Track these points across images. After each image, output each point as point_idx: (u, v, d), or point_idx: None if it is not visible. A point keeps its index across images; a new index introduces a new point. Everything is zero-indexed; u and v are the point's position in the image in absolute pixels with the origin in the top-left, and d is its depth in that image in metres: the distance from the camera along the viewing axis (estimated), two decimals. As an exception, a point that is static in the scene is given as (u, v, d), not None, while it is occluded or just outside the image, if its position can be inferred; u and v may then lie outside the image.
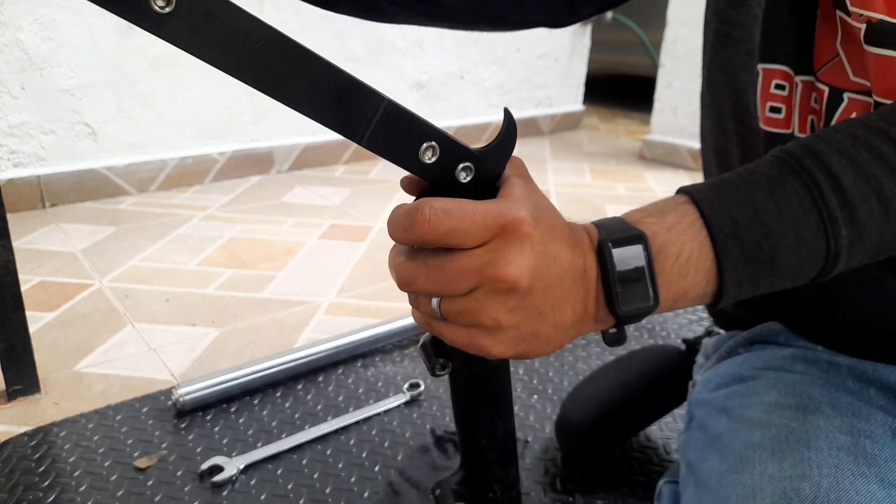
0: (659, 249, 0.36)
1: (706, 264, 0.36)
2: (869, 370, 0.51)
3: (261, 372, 1.01)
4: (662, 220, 0.37)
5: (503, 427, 0.48)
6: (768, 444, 0.45)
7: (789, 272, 0.38)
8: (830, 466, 0.42)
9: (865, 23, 0.42)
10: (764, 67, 0.50)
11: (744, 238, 0.36)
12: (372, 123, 0.32)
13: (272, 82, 0.29)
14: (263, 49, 0.29)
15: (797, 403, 0.48)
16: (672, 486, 0.66)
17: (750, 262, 0.37)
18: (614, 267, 0.35)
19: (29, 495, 0.79)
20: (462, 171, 0.35)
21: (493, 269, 0.33)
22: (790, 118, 0.50)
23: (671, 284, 0.36)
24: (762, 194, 0.37)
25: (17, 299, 0.95)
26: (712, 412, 0.54)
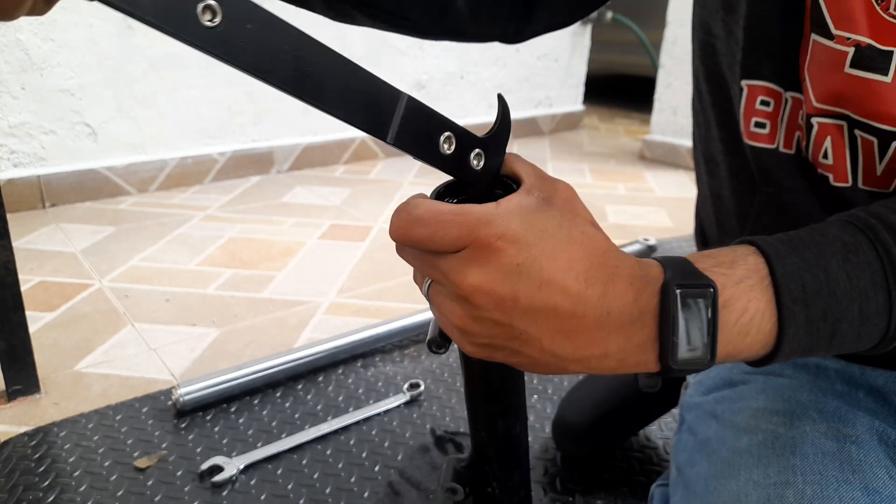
0: (724, 304, 0.33)
1: (768, 327, 0.34)
2: (857, 373, 0.51)
3: (261, 372, 1.01)
4: (732, 273, 0.34)
5: (503, 426, 0.48)
6: (755, 450, 0.45)
7: (843, 345, 0.36)
8: (815, 473, 0.42)
9: (853, 46, 0.42)
10: (749, 84, 0.50)
11: (811, 306, 0.34)
12: (397, 120, 0.33)
13: (310, 89, 0.30)
14: (300, 56, 0.29)
15: (784, 409, 0.48)
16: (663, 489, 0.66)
17: (811, 331, 0.35)
18: (678, 315, 0.32)
19: (29, 495, 0.79)
20: (475, 159, 0.36)
21: (453, 275, 0.33)
22: (775, 134, 0.50)
23: (729, 342, 0.34)
24: (835, 260, 0.35)
25: (17, 299, 0.95)
26: (702, 416, 0.54)
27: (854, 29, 0.41)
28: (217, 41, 0.27)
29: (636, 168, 2.52)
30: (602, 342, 0.33)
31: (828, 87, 0.44)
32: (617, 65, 3.61)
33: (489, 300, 0.32)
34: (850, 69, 0.42)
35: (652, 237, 1.69)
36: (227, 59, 0.28)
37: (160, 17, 0.26)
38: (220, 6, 0.27)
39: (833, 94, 0.44)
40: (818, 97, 0.45)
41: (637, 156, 2.69)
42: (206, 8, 0.26)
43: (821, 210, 0.48)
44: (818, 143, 0.46)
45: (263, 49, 0.28)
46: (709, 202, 0.62)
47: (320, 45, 0.30)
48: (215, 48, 0.27)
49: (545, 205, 0.34)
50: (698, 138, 0.62)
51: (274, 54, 0.29)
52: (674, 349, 0.33)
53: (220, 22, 0.27)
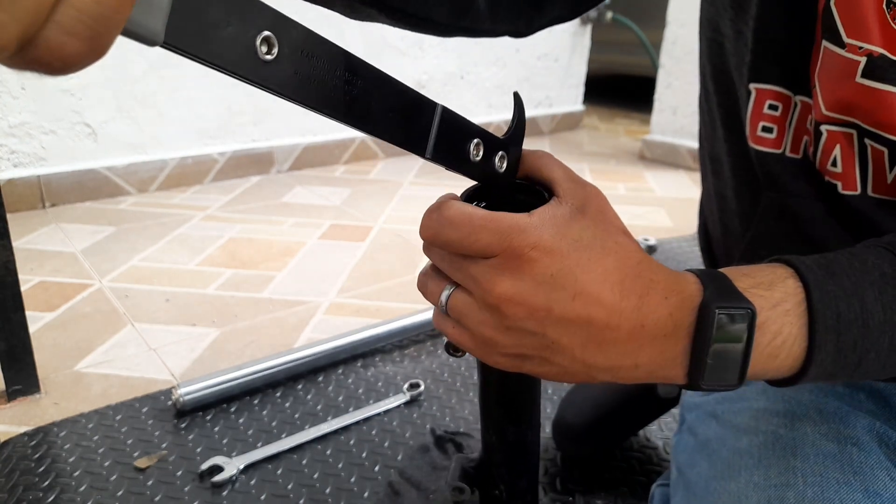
0: (759, 326, 0.33)
1: (797, 352, 0.35)
2: None
3: (261, 372, 1.01)
4: (770, 295, 0.34)
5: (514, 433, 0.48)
6: (755, 452, 0.45)
7: (868, 374, 0.36)
8: (816, 475, 0.42)
9: (866, 56, 0.41)
10: (757, 87, 0.49)
11: (843, 335, 0.34)
12: (433, 133, 0.32)
13: (359, 113, 0.29)
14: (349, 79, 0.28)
15: (785, 410, 0.48)
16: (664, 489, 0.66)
17: (839, 360, 0.35)
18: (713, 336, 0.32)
19: (29, 495, 0.79)
20: (499, 161, 0.36)
21: (485, 282, 0.32)
22: (782, 138, 0.49)
23: (757, 363, 0.34)
24: (872, 291, 0.35)
25: (17, 299, 0.95)
26: (702, 416, 0.54)
27: (867, 38, 0.41)
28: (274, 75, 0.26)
29: (636, 168, 2.52)
30: (634, 354, 0.33)
31: (838, 95, 0.44)
32: (617, 65, 3.61)
33: (521, 310, 0.32)
34: (862, 79, 0.42)
35: (652, 237, 1.69)
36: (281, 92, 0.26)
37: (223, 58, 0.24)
38: (277, 37, 0.25)
39: (843, 103, 0.44)
40: (828, 105, 0.44)
41: (637, 156, 2.69)
42: (264, 41, 0.25)
43: (826, 216, 0.48)
44: (827, 151, 0.46)
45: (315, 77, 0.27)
46: (713, 201, 0.62)
47: (363, 63, 0.29)
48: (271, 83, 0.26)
49: (578, 214, 0.34)
50: (704, 137, 0.62)
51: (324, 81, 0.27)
52: (704, 369, 0.33)
53: (278, 53, 0.25)
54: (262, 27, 0.25)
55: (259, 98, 2.13)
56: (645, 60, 3.22)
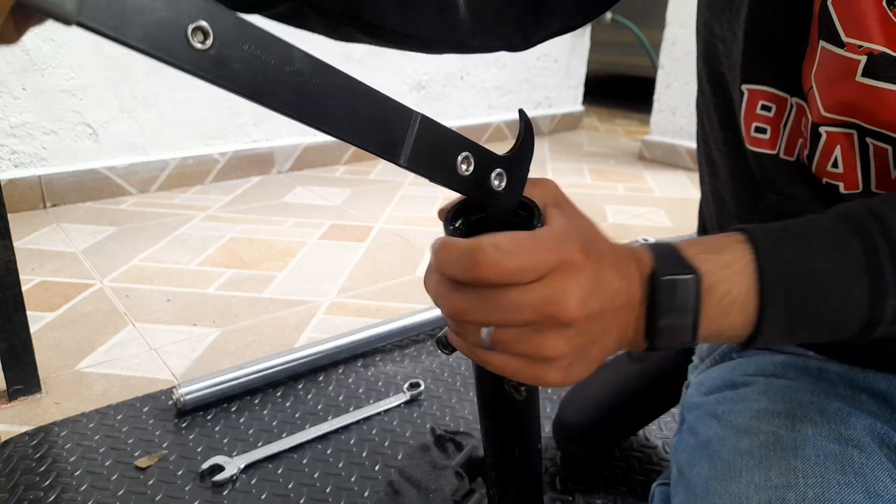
0: (709, 287, 0.35)
1: (749, 309, 0.36)
2: (860, 377, 0.51)
3: (261, 372, 1.01)
4: (719, 258, 0.36)
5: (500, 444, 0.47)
6: (756, 452, 0.46)
7: (825, 330, 0.37)
8: (817, 476, 0.42)
9: (866, 55, 0.41)
10: (749, 88, 0.49)
11: (791, 291, 0.36)
12: (410, 141, 0.31)
13: (312, 112, 0.28)
14: (301, 77, 0.28)
15: (786, 410, 0.49)
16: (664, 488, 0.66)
17: (792, 315, 0.36)
18: (661, 302, 0.35)
19: (30, 495, 0.79)
20: (496, 179, 0.35)
21: (551, 306, 0.32)
22: (776, 139, 0.49)
23: (711, 322, 0.36)
24: (821, 250, 0.37)
25: (18, 299, 0.95)
26: (703, 416, 0.55)
27: (866, 37, 0.41)
28: (209, 64, 0.25)
29: (635, 168, 2.52)
30: (625, 325, 0.35)
31: (837, 96, 0.43)
32: (616, 65, 3.61)
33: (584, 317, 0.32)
34: (863, 78, 0.42)
35: (651, 237, 1.70)
36: (221, 82, 0.26)
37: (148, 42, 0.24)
38: (212, 27, 0.25)
39: (843, 104, 0.43)
40: (827, 106, 0.44)
41: (636, 156, 2.69)
42: (197, 29, 0.25)
43: None
44: (826, 153, 0.46)
45: (260, 71, 0.27)
46: (711, 203, 0.62)
47: (323, 64, 0.28)
48: (207, 72, 0.26)
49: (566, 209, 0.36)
50: (701, 138, 0.62)
51: (272, 76, 0.27)
52: (658, 333, 0.35)
53: (213, 44, 0.25)
54: (195, 17, 0.24)
55: (259, 98, 2.14)
56: (644, 61, 3.22)
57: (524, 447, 0.47)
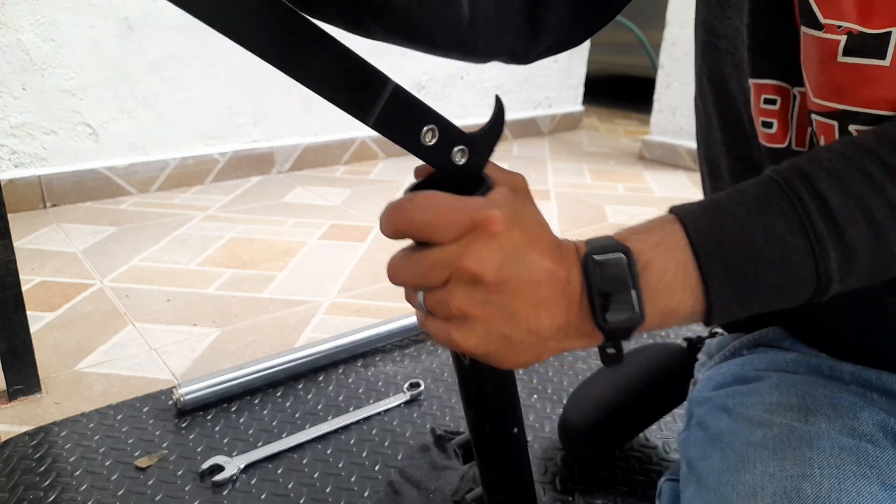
0: (644, 265, 0.36)
1: (692, 282, 0.37)
2: (873, 378, 0.51)
3: (261, 371, 1.01)
4: (649, 237, 0.38)
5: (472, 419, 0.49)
6: (770, 444, 0.45)
7: (778, 294, 0.38)
8: (832, 467, 0.42)
9: (846, 34, 0.41)
10: (755, 82, 0.49)
11: (728, 259, 0.37)
12: (380, 105, 0.34)
13: (292, 63, 0.31)
14: (286, 30, 0.30)
15: (799, 404, 0.48)
16: (672, 483, 0.66)
17: (736, 282, 0.37)
18: (597, 278, 0.36)
19: (30, 494, 0.79)
20: (458, 153, 0.37)
21: (460, 260, 0.34)
22: (785, 132, 0.49)
23: (658, 300, 0.36)
24: (750, 215, 0.37)
25: (18, 299, 0.95)
26: (713, 410, 0.54)
27: (842, 16, 0.41)
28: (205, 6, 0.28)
29: (635, 168, 2.52)
30: (566, 311, 0.36)
31: (823, 79, 0.43)
32: (616, 65, 3.61)
33: (494, 279, 0.34)
34: (844, 58, 0.41)
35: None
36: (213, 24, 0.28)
37: None
38: None
39: (829, 86, 0.43)
40: (815, 91, 0.44)
41: (636, 156, 2.69)
42: None
43: None
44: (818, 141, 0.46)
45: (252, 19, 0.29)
46: None
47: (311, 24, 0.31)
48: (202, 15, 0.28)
49: (517, 194, 0.38)
50: (700, 138, 0.62)
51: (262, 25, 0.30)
52: (601, 311, 0.36)
53: None
54: None
55: (260, 98, 2.14)
56: (644, 61, 3.22)
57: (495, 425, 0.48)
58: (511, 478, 0.51)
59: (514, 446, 0.50)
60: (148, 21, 1.87)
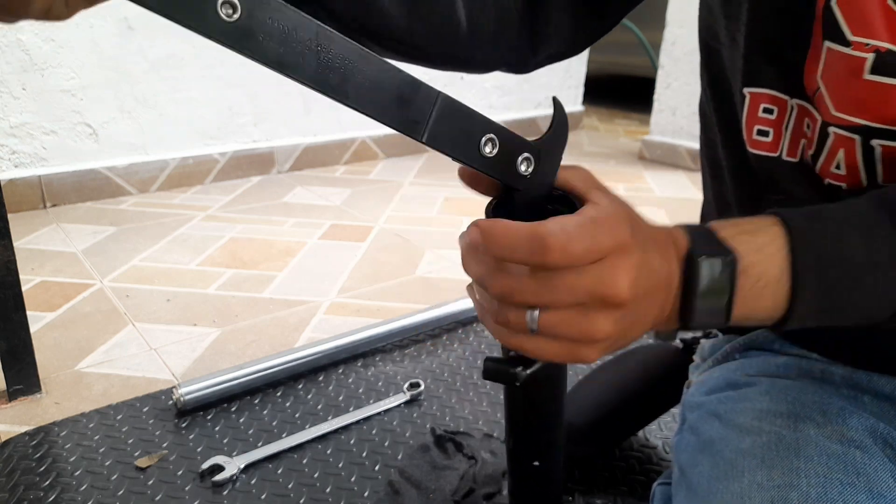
0: (744, 269, 0.36)
1: (781, 292, 0.36)
2: (864, 380, 0.51)
3: (261, 371, 1.01)
4: (753, 240, 0.37)
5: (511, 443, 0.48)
6: (758, 452, 0.45)
7: (857, 316, 0.38)
8: (819, 476, 0.42)
9: (873, 52, 0.41)
10: (751, 91, 0.49)
11: (823, 275, 0.36)
12: (430, 119, 0.32)
13: (334, 84, 0.30)
14: (324, 51, 0.29)
15: (788, 410, 0.48)
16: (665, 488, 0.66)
17: (823, 300, 0.37)
18: (699, 283, 0.35)
19: (30, 494, 0.79)
20: (523, 163, 0.35)
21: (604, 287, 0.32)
22: (779, 141, 0.49)
23: (745, 305, 0.36)
24: (855, 234, 0.37)
25: (18, 299, 0.95)
26: (704, 416, 0.54)
27: (872, 34, 0.41)
28: (236, 36, 0.27)
29: (635, 168, 2.52)
30: (663, 303, 0.36)
31: (847, 94, 0.43)
32: (616, 65, 3.61)
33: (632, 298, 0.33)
34: (870, 76, 0.42)
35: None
36: (246, 53, 0.28)
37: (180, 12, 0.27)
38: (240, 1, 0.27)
39: (853, 102, 0.43)
40: (837, 106, 0.44)
41: (636, 156, 2.69)
42: (226, 2, 0.27)
43: None
44: (831, 154, 0.46)
45: (285, 43, 0.28)
46: (713, 206, 0.62)
47: (346, 41, 0.30)
48: (234, 42, 0.28)
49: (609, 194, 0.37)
50: (703, 141, 0.62)
51: (295, 49, 0.29)
52: (694, 312, 0.36)
53: (240, 16, 0.27)
54: None
55: (260, 98, 2.14)
56: (644, 61, 3.22)
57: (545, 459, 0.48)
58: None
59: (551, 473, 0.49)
60: (148, 21, 1.87)
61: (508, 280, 0.33)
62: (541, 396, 0.44)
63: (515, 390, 0.43)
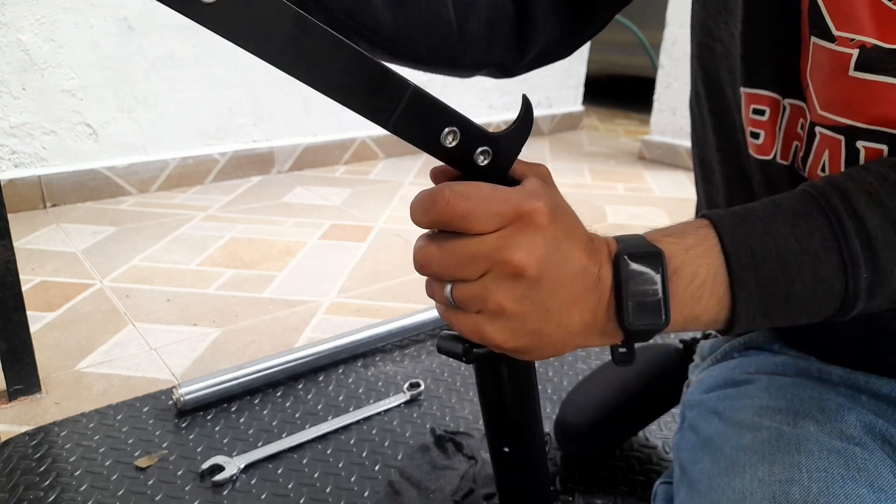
0: (675, 270, 0.36)
1: (720, 291, 0.36)
2: (861, 381, 0.51)
3: (261, 371, 1.01)
4: (682, 241, 0.37)
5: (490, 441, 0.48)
6: (759, 448, 0.45)
7: (804, 309, 0.37)
8: (820, 471, 0.42)
9: (858, 48, 0.40)
10: (746, 91, 0.49)
11: (760, 270, 0.36)
12: (398, 108, 0.33)
13: (306, 69, 0.31)
14: (298, 37, 0.30)
15: (788, 407, 0.48)
16: (667, 486, 0.66)
17: (764, 294, 0.36)
18: (628, 279, 0.35)
19: (30, 495, 0.79)
20: (480, 155, 0.36)
21: (502, 253, 0.33)
22: (771, 143, 0.48)
23: (683, 306, 0.36)
24: (784, 228, 0.37)
25: (18, 299, 0.95)
26: (704, 414, 0.54)
27: (857, 29, 0.40)
28: (214, 17, 0.28)
29: (635, 168, 2.52)
30: (594, 308, 0.36)
31: (831, 92, 0.42)
32: (616, 65, 3.61)
33: (535, 274, 0.33)
34: (855, 72, 0.41)
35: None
36: (222, 34, 0.29)
37: None
38: None
39: (837, 100, 0.42)
40: (822, 104, 0.43)
41: (636, 156, 2.69)
42: None
43: None
44: (818, 155, 0.45)
45: (262, 27, 0.29)
46: (704, 207, 0.62)
47: (323, 29, 0.30)
48: (212, 24, 0.28)
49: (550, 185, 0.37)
50: (695, 141, 0.61)
51: (272, 33, 0.30)
52: (628, 313, 0.35)
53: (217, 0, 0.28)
54: None
55: (260, 99, 2.14)
56: (644, 61, 3.22)
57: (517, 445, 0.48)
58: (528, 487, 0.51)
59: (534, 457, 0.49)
60: (148, 21, 1.87)
61: (424, 247, 0.35)
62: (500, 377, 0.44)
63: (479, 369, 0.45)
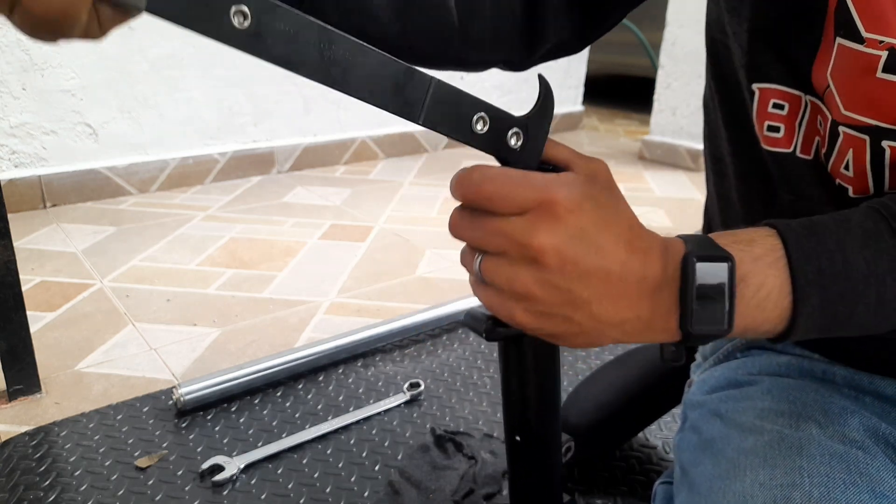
0: (742, 277, 0.35)
1: (784, 304, 0.36)
2: (865, 382, 0.51)
3: (261, 371, 1.01)
4: (750, 250, 0.37)
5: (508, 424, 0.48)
6: (760, 451, 0.45)
7: (862, 328, 0.37)
8: (822, 475, 0.42)
9: (887, 50, 0.40)
10: (760, 87, 0.49)
11: (826, 288, 0.36)
12: (426, 102, 0.35)
13: (337, 77, 0.33)
14: (327, 48, 0.32)
15: (790, 410, 0.48)
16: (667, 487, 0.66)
17: (827, 313, 0.36)
18: (695, 282, 0.35)
19: (30, 494, 0.79)
20: (512, 137, 0.38)
21: (522, 235, 0.34)
22: (791, 137, 0.48)
23: (746, 314, 0.36)
24: (854, 246, 0.36)
25: (18, 299, 0.95)
26: (706, 415, 0.54)
27: (887, 31, 0.40)
28: (248, 41, 0.31)
29: (635, 168, 2.52)
30: (637, 306, 0.35)
31: (858, 93, 0.42)
32: (616, 65, 3.61)
33: (556, 261, 0.34)
34: (883, 74, 0.41)
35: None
36: (257, 54, 0.31)
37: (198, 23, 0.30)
38: (251, 10, 0.30)
39: (863, 101, 0.42)
40: (847, 105, 0.43)
41: (636, 156, 2.69)
42: (238, 13, 0.30)
43: None
44: (842, 153, 0.45)
45: (291, 44, 0.31)
46: (716, 202, 0.62)
47: (346, 38, 0.32)
48: (246, 46, 0.31)
49: (593, 180, 0.37)
50: (707, 135, 0.61)
51: (301, 48, 0.32)
52: (692, 316, 0.35)
53: (251, 24, 0.30)
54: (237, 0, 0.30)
55: (260, 98, 2.14)
56: (644, 61, 3.22)
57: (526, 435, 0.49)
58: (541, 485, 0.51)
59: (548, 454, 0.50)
60: (148, 21, 1.86)
61: (456, 216, 0.37)
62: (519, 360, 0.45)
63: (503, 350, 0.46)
